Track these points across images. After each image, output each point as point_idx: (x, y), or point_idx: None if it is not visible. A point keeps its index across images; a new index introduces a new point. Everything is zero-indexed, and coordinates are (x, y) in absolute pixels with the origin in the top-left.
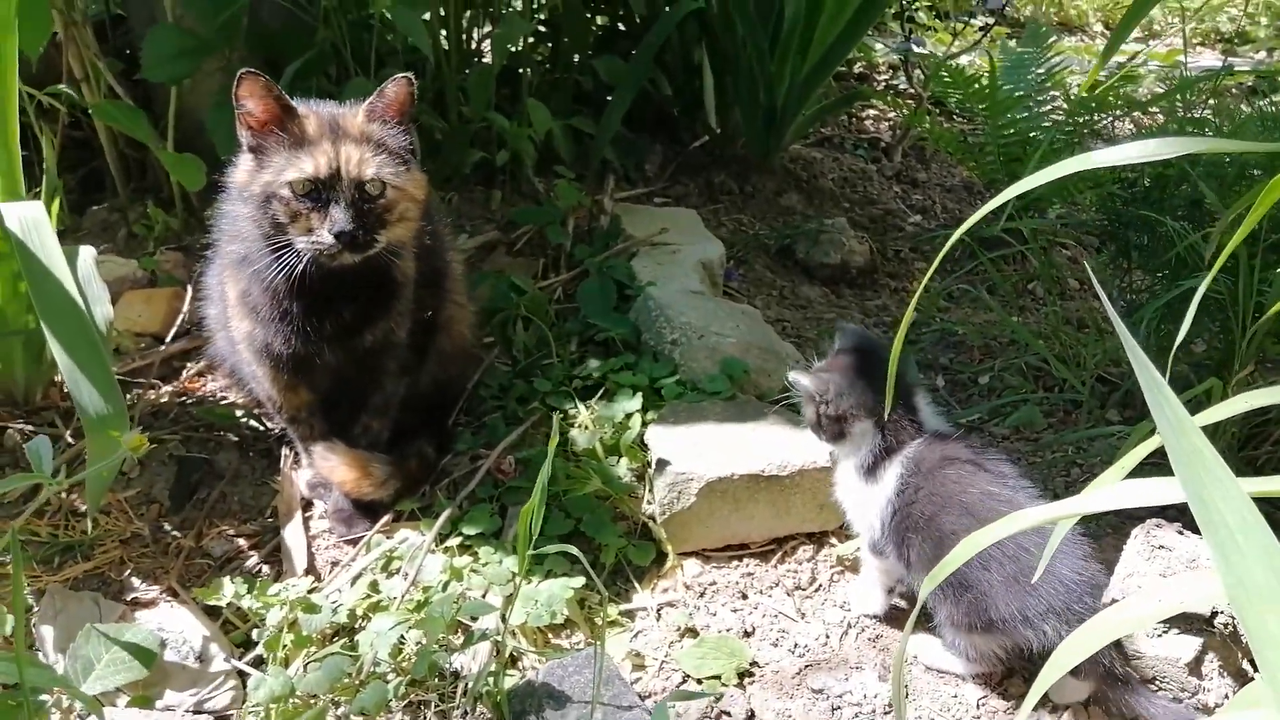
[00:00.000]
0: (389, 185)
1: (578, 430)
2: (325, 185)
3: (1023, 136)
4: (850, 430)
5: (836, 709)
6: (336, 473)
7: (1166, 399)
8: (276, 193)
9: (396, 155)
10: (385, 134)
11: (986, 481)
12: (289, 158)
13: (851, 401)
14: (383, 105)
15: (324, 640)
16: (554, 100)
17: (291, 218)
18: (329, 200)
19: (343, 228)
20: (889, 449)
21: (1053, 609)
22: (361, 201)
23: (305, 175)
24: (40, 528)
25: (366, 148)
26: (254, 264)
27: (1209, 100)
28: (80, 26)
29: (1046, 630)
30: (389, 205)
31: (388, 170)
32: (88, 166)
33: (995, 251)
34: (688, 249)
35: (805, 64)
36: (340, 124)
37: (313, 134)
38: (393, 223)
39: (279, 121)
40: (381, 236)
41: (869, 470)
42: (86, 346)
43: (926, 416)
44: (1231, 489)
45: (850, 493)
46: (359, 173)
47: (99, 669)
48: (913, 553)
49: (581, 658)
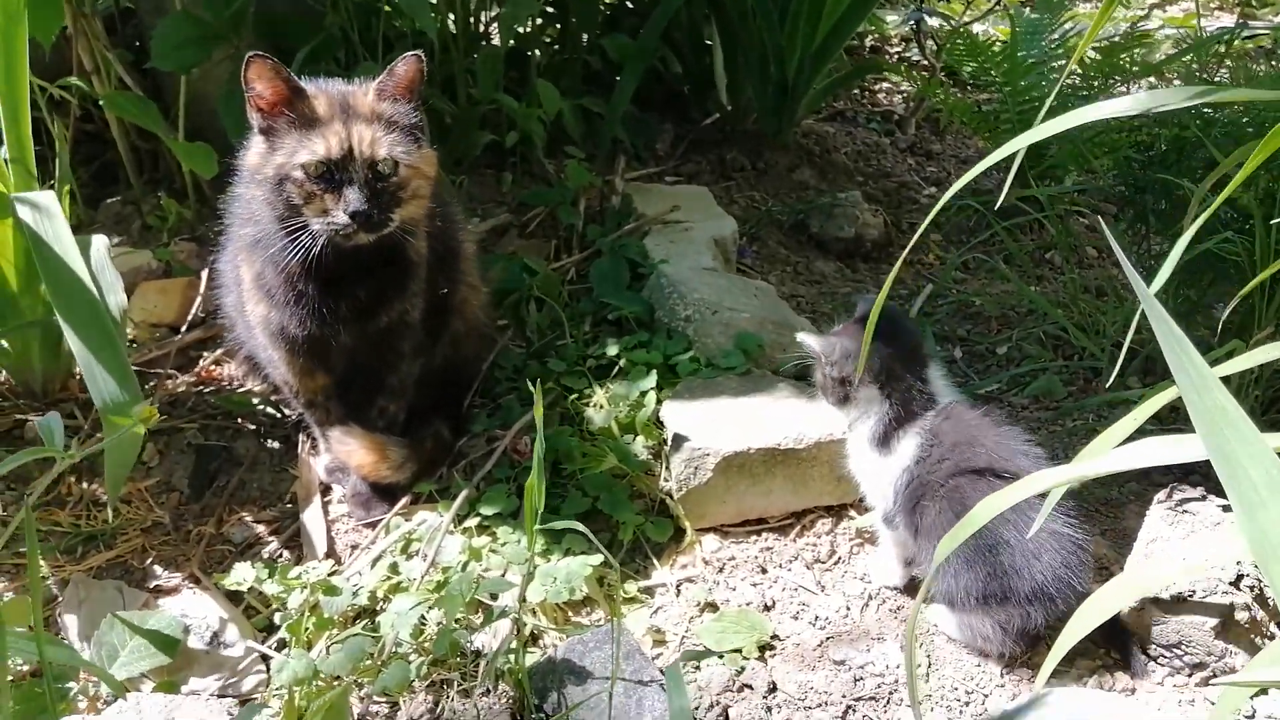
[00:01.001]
0: (401, 164)
1: (593, 409)
2: (338, 166)
3: (1037, 104)
4: (855, 395)
5: (859, 680)
6: (354, 457)
7: (1187, 354)
8: (290, 175)
9: (407, 133)
10: (396, 112)
11: (1008, 455)
12: (300, 139)
13: (854, 364)
14: (393, 83)
15: (345, 622)
16: (563, 81)
17: (306, 199)
18: (342, 181)
19: (357, 208)
20: (899, 419)
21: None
22: (375, 180)
23: (318, 157)
24: (62, 518)
25: (378, 126)
26: (269, 247)
27: (1226, 63)
28: (90, 19)
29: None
30: (402, 183)
31: (399, 149)
32: (100, 159)
33: (1010, 220)
34: (700, 226)
35: (815, 36)
36: (351, 103)
37: (324, 114)
38: (406, 200)
39: (289, 103)
40: (396, 215)
41: (881, 441)
42: (101, 334)
43: (939, 388)
44: (1255, 443)
45: (863, 463)
46: (372, 152)
47: (124, 655)
48: (925, 520)
49: (601, 634)
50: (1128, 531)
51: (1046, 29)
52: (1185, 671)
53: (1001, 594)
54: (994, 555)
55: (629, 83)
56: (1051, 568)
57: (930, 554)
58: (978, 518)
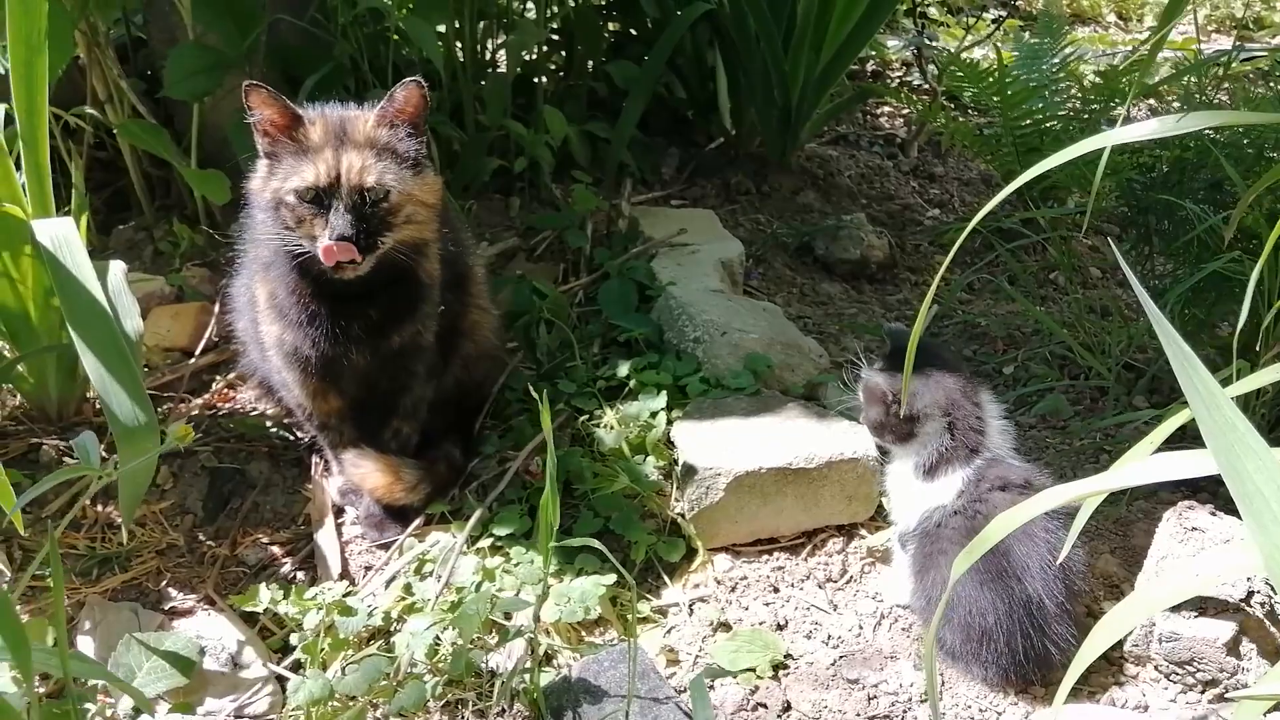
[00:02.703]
0: (393, 190)
1: (603, 430)
2: (326, 192)
3: (1038, 127)
4: (921, 430)
5: (873, 698)
6: (369, 479)
7: (1197, 372)
8: (284, 199)
9: (404, 159)
10: (394, 138)
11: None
12: (294, 165)
13: (927, 400)
14: (393, 109)
15: (360, 643)
16: (569, 107)
17: (297, 222)
18: (330, 206)
19: (341, 233)
20: (955, 450)
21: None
22: (364, 206)
23: (307, 183)
24: (78, 540)
25: (369, 154)
26: (278, 267)
27: (1224, 85)
28: (103, 49)
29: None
30: (392, 209)
31: (390, 176)
32: (113, 187)
33: (1014, 242)
34: (707, 249)
35: (819, 62)
36: (347, 129)
37: (317, 141)
38: (398, 225)
39: (287, 129)
40: (386, 239)
41: (929, 470)
42: (117, 358)
43: (994, 433)
44: (1266, 457)
45: (901, 485)
46: (359, 180)
47: (140, 677)
48: (930, 574)
49: (616, 653)
50: (1137, 550)
51: (1045, 54)
52: (1198, 688)
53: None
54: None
55: (634, 108)
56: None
57: (921, 595)
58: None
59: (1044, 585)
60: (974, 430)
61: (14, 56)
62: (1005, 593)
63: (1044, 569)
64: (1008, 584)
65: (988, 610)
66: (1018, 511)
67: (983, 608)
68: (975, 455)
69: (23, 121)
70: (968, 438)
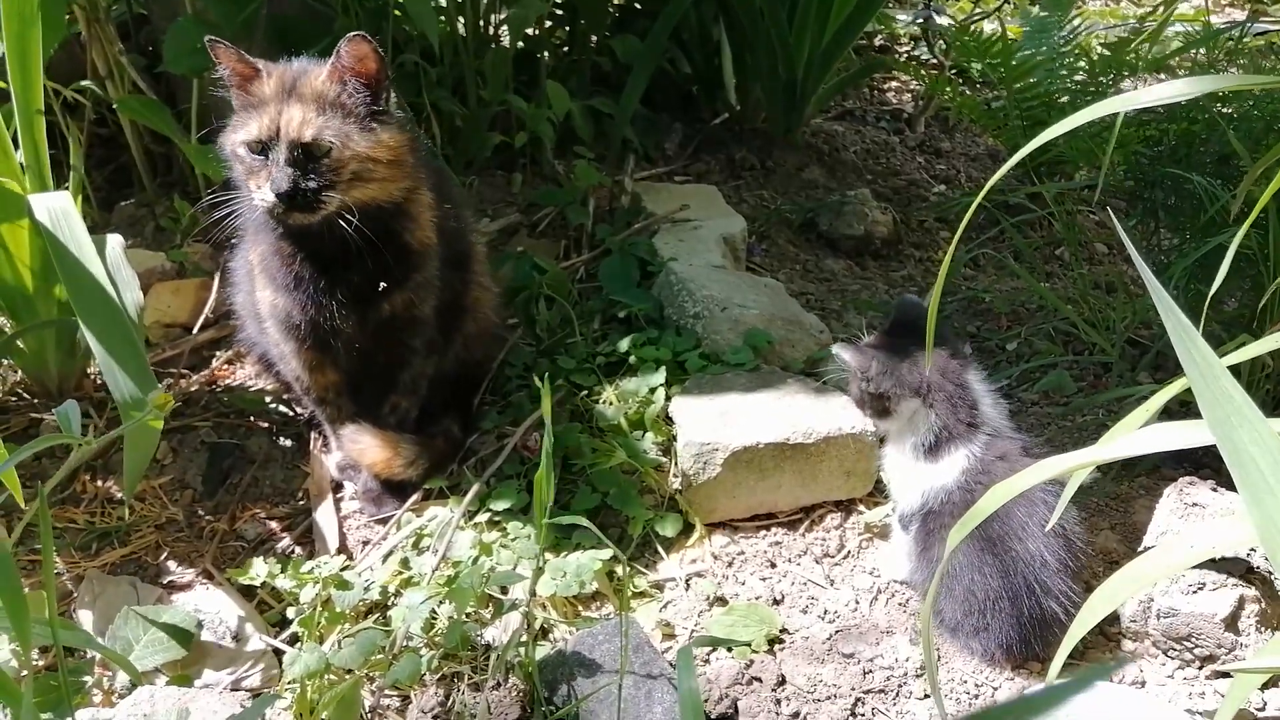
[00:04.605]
0: (334, 145)
1: (602, 405)
2: (267, 146)
3: (1046, 100)
4: (895, 409)
5: (868, 673)
6: (367, 454)
7: (1194, 343)
8: (235, 151)
9: (353, 115)
10: (344, 94)
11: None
12: (245, 117)
13: (894, 381)
14: (341, 65)
15: (357, 616)
16: (572, 82)
17: (248, 174)
18: (273, 160)
19: (279, 187)
20: (949, 429)
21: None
22: (306, 161)
23: (252, 136)
24: (78, 515)
25: (312, 108)
26: (262, 229)
27: (1237, 60)
28: (104, 24)
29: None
30: (336, 165)
31: (330, 131)
32: (114, 163)
33: (1019, 217)
34: (709, 225)
35: (824, 35)
36: (297, 84)
37: (268, 95)
38: (344, 182)
39: (246, 83)
40: (332, 196)
41: (930, 450)
42: (118, 332)
43: (987, 408)
44: (1261, 428)
45: (900, 466)
46: (298, 134)
47: (138, 649)
48: (932, 551)
49: (611, 627)
50: (1137, 526)
51: (1054, 26)
52: (1195, 664)
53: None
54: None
55: (638, 83)
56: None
57: (925, 571)
58: (985, 508)
59: (1046, 549)
60: (964, 407)
61: (7, 30)
62: (1006, 560)
63: (1044, 536)
64: (1009, 550)
65: (990, 576)
66: (1012, 482)
67: (984, 576)
68: (975, 431)
69: (18, 95)
70: (958, 415)
